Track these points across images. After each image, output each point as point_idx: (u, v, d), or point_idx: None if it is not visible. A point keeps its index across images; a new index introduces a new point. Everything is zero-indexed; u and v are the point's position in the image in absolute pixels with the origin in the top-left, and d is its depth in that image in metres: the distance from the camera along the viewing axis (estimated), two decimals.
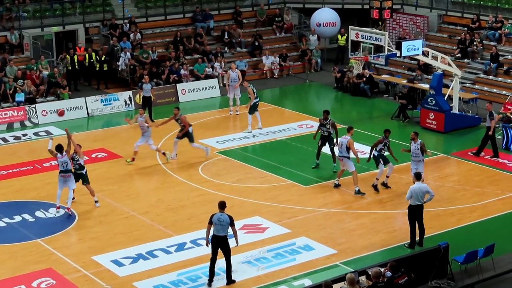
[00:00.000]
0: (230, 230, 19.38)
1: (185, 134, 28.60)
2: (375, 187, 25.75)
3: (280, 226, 23.12)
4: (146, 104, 33.70)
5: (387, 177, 26.03)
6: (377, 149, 25.64)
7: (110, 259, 21.22)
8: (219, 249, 19.49)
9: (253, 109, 31.70)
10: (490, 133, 28.95)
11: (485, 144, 29.15)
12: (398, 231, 22.86)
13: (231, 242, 19.62)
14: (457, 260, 19.90)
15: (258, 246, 21.89)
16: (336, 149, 26.69)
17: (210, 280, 19.74)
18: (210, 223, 19.35)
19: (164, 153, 28.55)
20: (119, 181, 27.06)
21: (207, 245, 19.66)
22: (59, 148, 23.90)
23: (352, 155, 25.49)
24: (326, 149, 30.07)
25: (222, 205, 19.52)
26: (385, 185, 26.00)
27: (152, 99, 33.85)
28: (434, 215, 23.65)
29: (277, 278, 20.16)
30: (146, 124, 28.30)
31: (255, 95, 31.56)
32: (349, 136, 25.51)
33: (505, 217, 24.09)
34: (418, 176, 21.63)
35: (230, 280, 19.83)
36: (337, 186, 26.03)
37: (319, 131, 27.60)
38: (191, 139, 28.77)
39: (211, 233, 19.50)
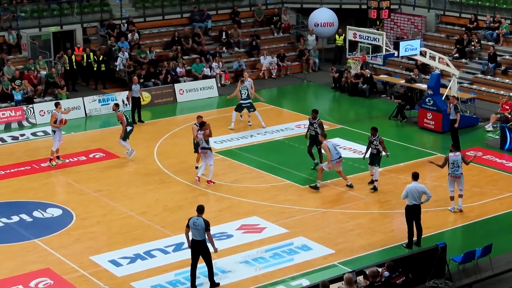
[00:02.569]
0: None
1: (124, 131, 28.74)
2: (374, 187, 25.79)
3: (277, 226, 23.12)
4: (135, 105, 33.66)
5: (374, 179, 26.02)
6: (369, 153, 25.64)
7: (107, 259, 21.22)
8: (199, 254, 19.32)
9: (239, 108, 31.93)
10: (456, 125, 29.49)
11: (457, 137, 29.44)
12: (396, 231, 22.87)
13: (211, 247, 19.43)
14: (455, 260, 19.90)
15: (256, 246, 21.89)
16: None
17: (192, 285, 19.53)
18: (188, 226, 19.23)
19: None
20: (117, 181, 27.06)
21: (189, 247, 19.53)
22: (202, 124, 26.20)
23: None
24: None
25: (199, 209, 19.29)
26: (372, 182, 26.02)
27: (141, 100, 33.86)
28: (432, 215, 23.65)
29: (274, 278, 20.16)
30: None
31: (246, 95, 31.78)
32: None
33: (503, 217, 24.10)
34: (415, 176, 21.63)
35: (213, 283, 19.66)
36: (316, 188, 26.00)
37: (309, 130, 27.61)
38: (125, 137, 28.81)
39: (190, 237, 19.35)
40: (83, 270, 20.60)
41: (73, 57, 37.78)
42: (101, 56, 38.42)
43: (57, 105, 29.18)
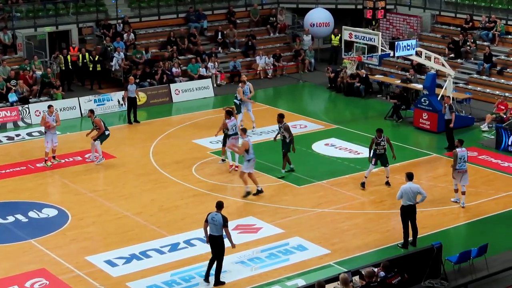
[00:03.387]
0: None
1: (101, 135, 28.63)
2: (362, 184, 25.83)
3: (273, 226, 23.13)
4: (131, 105, 33.64)
5: (387, 177, 26.11)
6: (373, 148, 25.70)
7: (103, 259, 21.20)
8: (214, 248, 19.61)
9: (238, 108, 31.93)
10: (451, 125, 29.52)
11: (452, 137, 29.47)
12: (392, 231, 22.88)
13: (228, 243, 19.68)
14: (450, 260, 19.93)
15: (252, 246, 21.90)
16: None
17: (206, 276, 19.84)
18: (206, 221, 19.50)
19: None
20: (112, 182, 27.04)
21: (207, 242, 19.79)
22: (229, 112, 27.10)
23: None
24: (322, 150, 30.14)
25: (218, 205, 19.67)
26: (387, 183, 26.10)
27: (137, 100, 33.84)
28: (427, 215, 23.67)
29: (270, 278, 20.16)
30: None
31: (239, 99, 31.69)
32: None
33: (498, 217, 24.13)
34: (409, 176, 21.65)
35: (218, 282, 19.77)
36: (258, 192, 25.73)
37: (279, 135, 27.70)
38: (102, 140, 28.76)
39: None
40: (79, 270, 20.57)
41: (68, 57, 37.75)
42: (97, 56, 38.39)
43: (49, 107, 29.03)
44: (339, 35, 39.84)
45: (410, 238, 21.76)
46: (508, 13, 40.22)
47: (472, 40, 39.35)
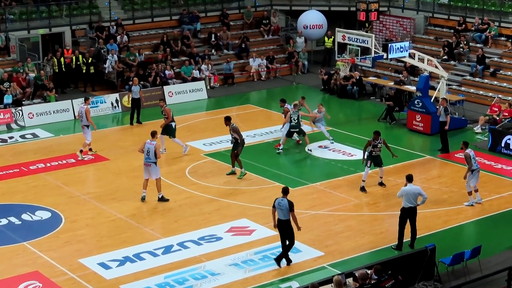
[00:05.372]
0: None
1: (167, 127, 29.04)
2: (362, 188, 25.84)
3: (267, 229, 23.08)
4: (135, 106, 33.67)
5: (381, 177, 26.16)
6: (368, 150, 25.69)
7: (97, 262, 21.17)
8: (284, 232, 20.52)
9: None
10: (447, 127, 29.60)
11: (446, 139, 29.65)
12: (385, 233, 22.89)
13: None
14: (444, 262, 19.94)
15: (245, 248, 21.88)
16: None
17: (288, 261, 20.81)
18: (274, 207, 20.49)
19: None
20: (106, 184, 27.00)
21: (274, 227, 20.76)
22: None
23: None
24: (316, 152, 30.14)
25: (284, 191, 20.54)
26: (381, 184, 26.14)
27: (141, 101, 33.85)
28: (421, 217, 23.58)
29: (264, 280, 20.15)
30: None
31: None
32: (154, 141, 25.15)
33: (491, 219, 24.17)
34: (409, 178, 21.65)
35: (288, 260, 20.81)
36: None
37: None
38: (173, 134, 29.24)
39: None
40: (72, 273, 20.54)
41: (62, 59, 37.70)
42: (90, 59, 38.35)
43: (86, 100, 30.02)
44: (333, 37, 39.84)
45: (406, 240, 21.76)
46: (501, 15, 40.31)
47: (465, 42, 39.42)
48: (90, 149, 29.70)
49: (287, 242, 20.61)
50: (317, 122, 30.87)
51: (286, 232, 20.48)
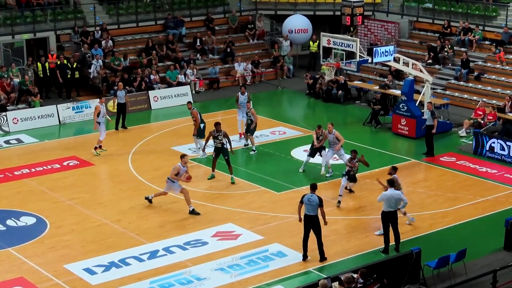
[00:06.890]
0: None
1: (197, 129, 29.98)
2: (338, 202, 25.59)
3: (252, 233, 23.10)
4: (120, 111, 33.60)
5: (351, 188, 26.15)
6: (345, 171, 25.46)
7: (82, 267, 21.09)
8: (311, 228, 21.00)
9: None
10: (434, 131, 29.70)
11: (431, 143, 29.77)
12: (371, 237, 22.92)
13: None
14: (429, 265, 19.99)
15: (231, 253, 21.86)
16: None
17: (304, 256, 21.28)
18: (301, 202, 21.11)
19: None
20: (91, 189, 26.94)
21: (300, 221, 21.30)
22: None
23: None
24: (301, 156, 30.14)
25: (313, 187, 21.27)
26: (350, 190, 26.14)
27: (126, 106, 33.79)
28: (404, 220, 23.70)
29: (250, 284, 20.13)
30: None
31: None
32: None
33: (477, 222, 24.24)
34: (391, 183, 21.71)
35: (322, 257, 21.24)
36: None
37: (215, 144, 27.45)
38: (201, 135, 30.02)
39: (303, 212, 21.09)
40: (58, 278, 20.46)
41: (46, 64, 37.58)
42: (75, 63, 38.24)
43: (100, 99, 30.99)
44: (318, 41, 39.90)
45: (391, 243, 21.81)
46: (485, 19, 40.48)
47: (449, 46, 39.55)
48: (100, 147, 30.21)
49: (316, 238, 21.10)
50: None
51: (314, 227, 21.00)
